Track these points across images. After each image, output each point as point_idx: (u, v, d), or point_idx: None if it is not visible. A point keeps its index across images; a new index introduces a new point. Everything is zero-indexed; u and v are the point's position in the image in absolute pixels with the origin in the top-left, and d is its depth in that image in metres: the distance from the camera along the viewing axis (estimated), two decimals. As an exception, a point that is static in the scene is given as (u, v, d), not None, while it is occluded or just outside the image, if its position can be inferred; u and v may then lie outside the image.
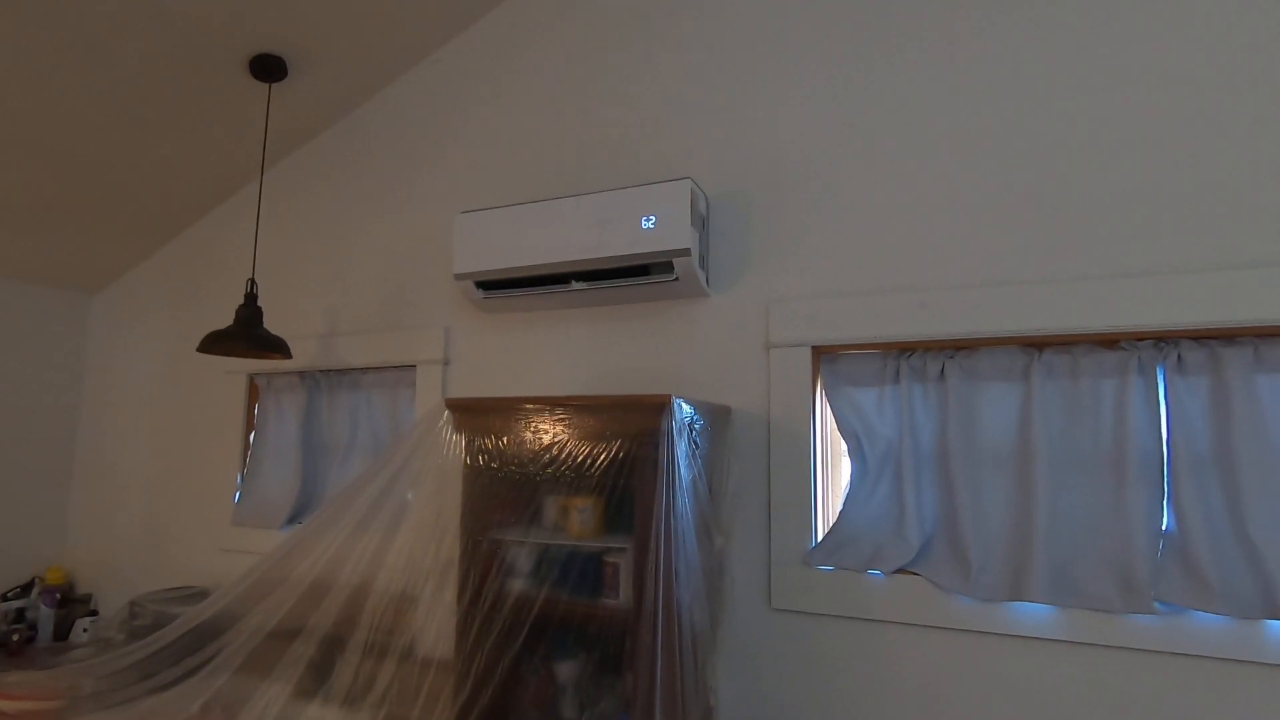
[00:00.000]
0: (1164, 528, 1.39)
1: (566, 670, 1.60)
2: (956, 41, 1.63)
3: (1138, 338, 1.44)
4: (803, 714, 1.59)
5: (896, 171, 1.66)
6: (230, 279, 2.63)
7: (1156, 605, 1.32)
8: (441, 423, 1.58)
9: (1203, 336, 1.39)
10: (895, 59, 1.69)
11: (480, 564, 1.55)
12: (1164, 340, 1.42)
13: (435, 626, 1.53)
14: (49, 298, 2.86)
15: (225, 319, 2.56)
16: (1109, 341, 1.46)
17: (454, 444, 1.57)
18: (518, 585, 1.53)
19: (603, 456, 1.41)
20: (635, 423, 1.38)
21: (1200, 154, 1.41)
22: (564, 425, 1.45)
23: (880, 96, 1.70)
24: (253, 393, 2.52)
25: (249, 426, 2.51)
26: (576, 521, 1.54)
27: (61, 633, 2.56)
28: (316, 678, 1.57)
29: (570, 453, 1.44)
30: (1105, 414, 1.46)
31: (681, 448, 1.41)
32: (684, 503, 1.42)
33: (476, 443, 1.56)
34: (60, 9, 1.79)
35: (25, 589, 2.64)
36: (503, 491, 1.56)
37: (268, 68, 2.14)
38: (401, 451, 1.59)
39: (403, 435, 1.76)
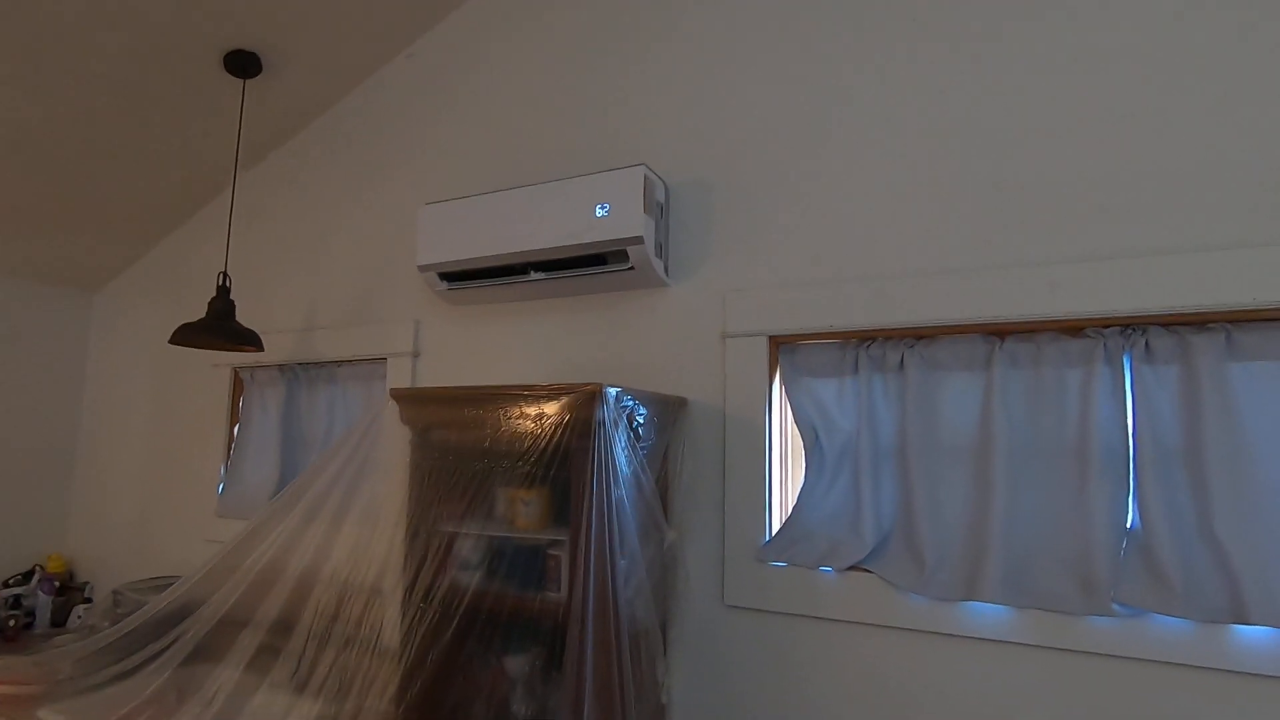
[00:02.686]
0: (1129, 525, 1.31)
1: (515, 664, 1.57)
2: (914, 28, 1.57)
3: (1103, 324, 1.36)
4: (757, 712, 1.55)
5: (855, 159, 1.60)
6: (216, 275, 2.67)
7: (1115, 607, 1.25)
8: (388, 413, 1.57)
9: (1172, 323, 1.31)
10: (853, 47, 1.63)
11: (426, 555, 1.53)
12: (1131, 327, 1.34)
13: (382, 617, 1.53)
14: (53, 296, 2.94)
15: (213, 314, 2.59)
16: (1074, 329, 1.39)
17: (400, 434, 1.56)
18: (462, 577, 1.51)
19: (539, 446, 1.39)
20: (569, 413, 1.35)
21: (1166, 132, 1.33)
22: (501, 415, 1.43)
23: (838, 85, 1.64)
24: (237, 386, 2.56)
25: (234, 419, 2.54)
26: (522, 514, 1.52)
27: (60, 619, 2.63)
28: (267, 664, 1.58)
29: (507, 443, 1.42)
30: (1070, 405, 1.38)
31: (619, 438, 1.38)
32: (622, 495, 1.38)
33: (421, 433, 1.55)
34: (38, 12, 1.83)
35: (27, 576, 2.71)
36: (448, 483, 1.54)
37: (242, 64, 2.16)
38: (350, 441, 1.59)
39: (353, 425, 1.75)
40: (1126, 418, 1.33)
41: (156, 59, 2.07)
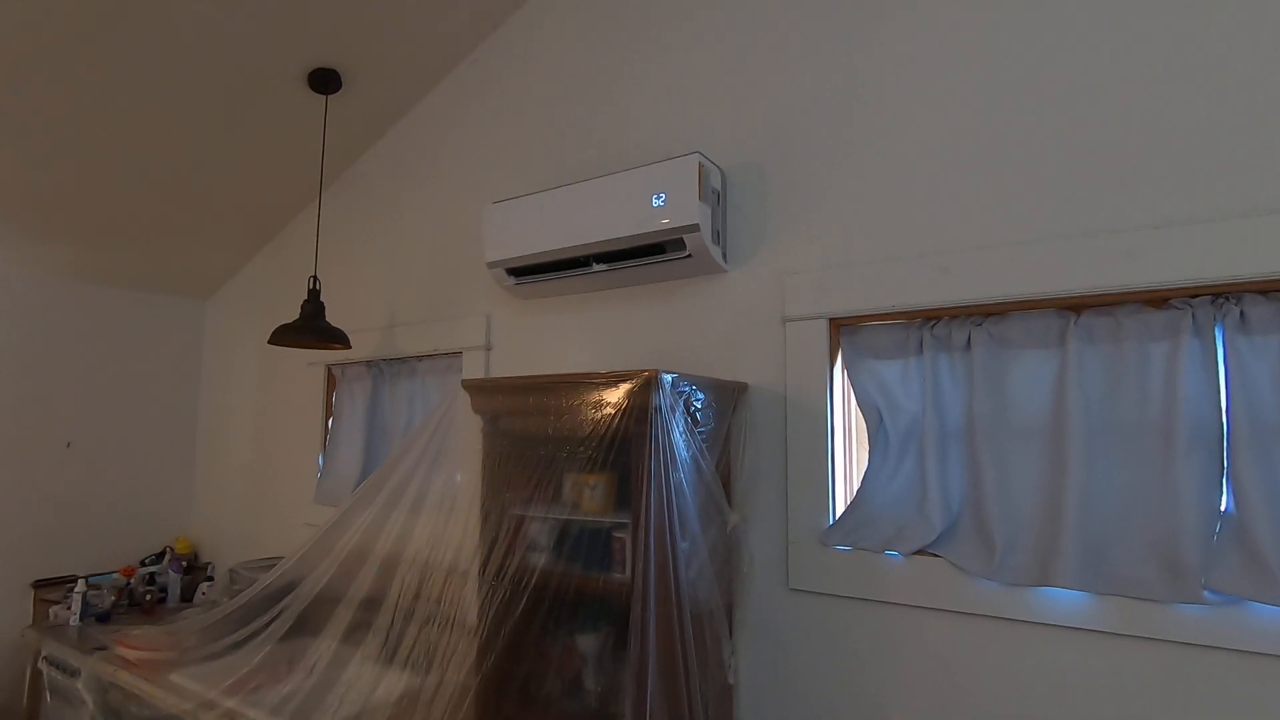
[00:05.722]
0: (1223, 508, 1.22)
1: (587, 643, 1.64)
2: (978, -19, 1.50)
3: (1191, 294, 1.27)
4: (822, 695, 1.55)
5: (912, 130, 1.56)
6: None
7: (1206, 594, 1.17)
8: (460, 403, 1.66)
9: (1271, 289, 1.21)
10: (904, 12, 1.58)
11: (499, 538, 1.61)
12: (1223, 295, 1.25)
13: (459, 595, 1.62)
14: (171, 305, 3.26)
15: (307, 316, 2.79)
16: (1158, 300, 1.30)
17: (472, 423, 1.65)
18: (533, 559, 1.59)
19: (600, 432, 1.43)
20: (626, 399, 1.39)
21: (1257, 81, 1.22)
22: (563, 403, 1.48)
23: (890, 53, 1.59)
24: (330, 383, 2.75)
25: (328, 412, 2.74)
26: (587, 497, 1.58)
27: (188, 595, 2.92)
28: (359, 637, 1.71)
29: (570, 429, 1.47)
30: (1153, 381, 1.30)
31: (676, 423, 1.41)
32: (680, 478, 1.41)
33: (490, 421, 1.63)
34: (150, 48, 2.03)
35: (159, 557, 3.03)
36: (517, 467, 1.62)
37: (324, 81, 2.32)
38: (425, 431, 1.69)
39: (428, 415, 1.86)
40: (1219, 393, 1.24)
41: (251, 82, 2.25)
